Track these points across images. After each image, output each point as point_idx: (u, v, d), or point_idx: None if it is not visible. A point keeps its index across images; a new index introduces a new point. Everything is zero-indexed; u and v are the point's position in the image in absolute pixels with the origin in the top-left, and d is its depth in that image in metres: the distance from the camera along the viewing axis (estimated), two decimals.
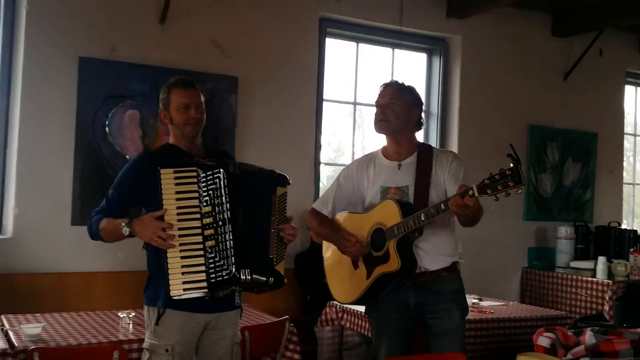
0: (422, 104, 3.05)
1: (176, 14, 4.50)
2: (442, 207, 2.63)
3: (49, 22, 4.20)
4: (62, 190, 4.23)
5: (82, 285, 4.24)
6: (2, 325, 3.16)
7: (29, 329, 2.93)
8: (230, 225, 2.47)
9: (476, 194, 2.47)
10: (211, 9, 4.69)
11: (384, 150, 3.03)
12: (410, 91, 2.99)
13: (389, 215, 2.79)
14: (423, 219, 2.69)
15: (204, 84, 4.52)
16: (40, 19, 4.18)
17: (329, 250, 3.13)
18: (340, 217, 3.06)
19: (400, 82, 3.03)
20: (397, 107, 2.91)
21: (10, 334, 2.99)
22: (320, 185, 5.42)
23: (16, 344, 2.82)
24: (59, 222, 4.20)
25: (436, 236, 2.86)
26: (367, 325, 3.88)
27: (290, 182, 2.72)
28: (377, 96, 2.99)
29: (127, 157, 4.32)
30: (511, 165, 2.39)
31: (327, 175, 5.76)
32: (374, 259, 2.85)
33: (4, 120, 4.22)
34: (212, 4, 4.69)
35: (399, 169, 2.94)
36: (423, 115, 3.10)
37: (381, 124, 2.94)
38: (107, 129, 4.34)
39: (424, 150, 2.98)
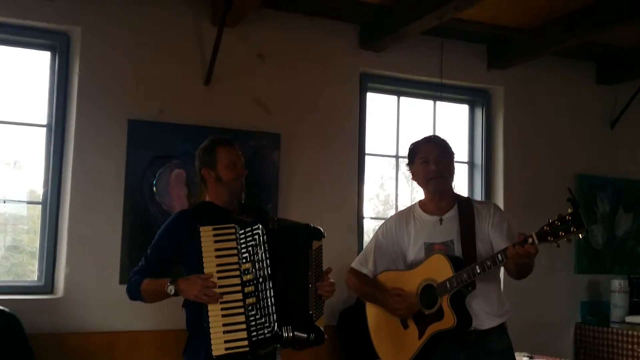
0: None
1: (220, 75, 4.62)
2: (500, 257, 2.55)
3: (99, 87, 4.37)
4: (111, 250, 4.31)
5: (130, 344, 4.27)
6: None
7: None
8: (270, 282, 2.46)
9: (536, 242, 2.43)
10: (254, 68, 4.80)
11: (422, 205, 2.98)
12: (448, 143, 2.99)
13: (439, 270, 2.72)
14: (478, 271, 2.62)
15: (247, 142, 4.63)
16: (91, 84, 4.36)
17: (372, 311, 3.02)
18: (382, 276, 2.98)
19: (437, 134, 3.04)
20: (448, 162, 2.91)
21: None
22: (365, 237, 5.39)
23: None
24: (108, 281, 4.26)
25: (486, 295, 2.77)
26: None
27: (325, 235, 2.69)
28: (422, 152, 2.91)
29: None
30: (570, 210, 2.38)
31: (373, 229, 5.73)
32: (426, 317, 2.76)
33: (57, 181, 4.36)
34: (254, 63, 4.80)
35: (441, 223, 2.87)
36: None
37: (438, 181, 2.87)
38: (154, 188, 4.44)
39: (463, 203, 2.92)
